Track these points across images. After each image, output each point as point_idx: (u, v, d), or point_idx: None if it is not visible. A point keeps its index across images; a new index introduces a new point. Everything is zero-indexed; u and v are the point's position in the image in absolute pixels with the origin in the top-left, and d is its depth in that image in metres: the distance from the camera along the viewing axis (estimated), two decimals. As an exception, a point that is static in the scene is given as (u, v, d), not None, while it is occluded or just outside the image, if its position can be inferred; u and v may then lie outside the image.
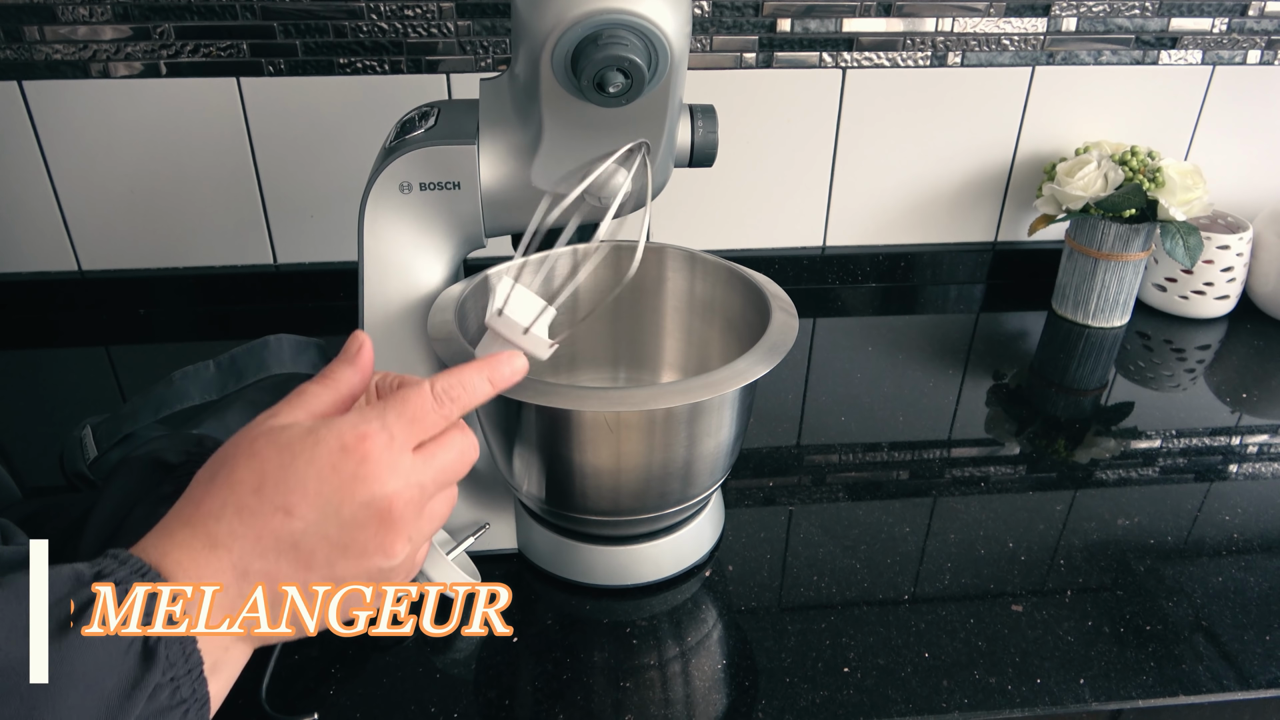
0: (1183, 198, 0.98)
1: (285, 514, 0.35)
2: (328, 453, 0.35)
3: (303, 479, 0.35)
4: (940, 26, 1.02)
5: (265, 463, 0.35)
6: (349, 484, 0.35)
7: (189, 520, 0.35)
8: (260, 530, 0.35)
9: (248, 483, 0.35)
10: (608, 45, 0.55)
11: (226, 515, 0.35)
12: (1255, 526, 0.77)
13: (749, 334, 0.67)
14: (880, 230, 1.14)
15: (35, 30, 0.92)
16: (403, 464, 0.37)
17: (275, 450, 0.36)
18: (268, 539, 0.35)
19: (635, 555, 0.69)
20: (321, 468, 0.35)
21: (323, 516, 0.35)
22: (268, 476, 0.35)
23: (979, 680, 0.62)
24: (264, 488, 0.35)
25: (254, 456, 0.36)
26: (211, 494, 0.35)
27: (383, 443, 0.36)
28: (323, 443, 0.36)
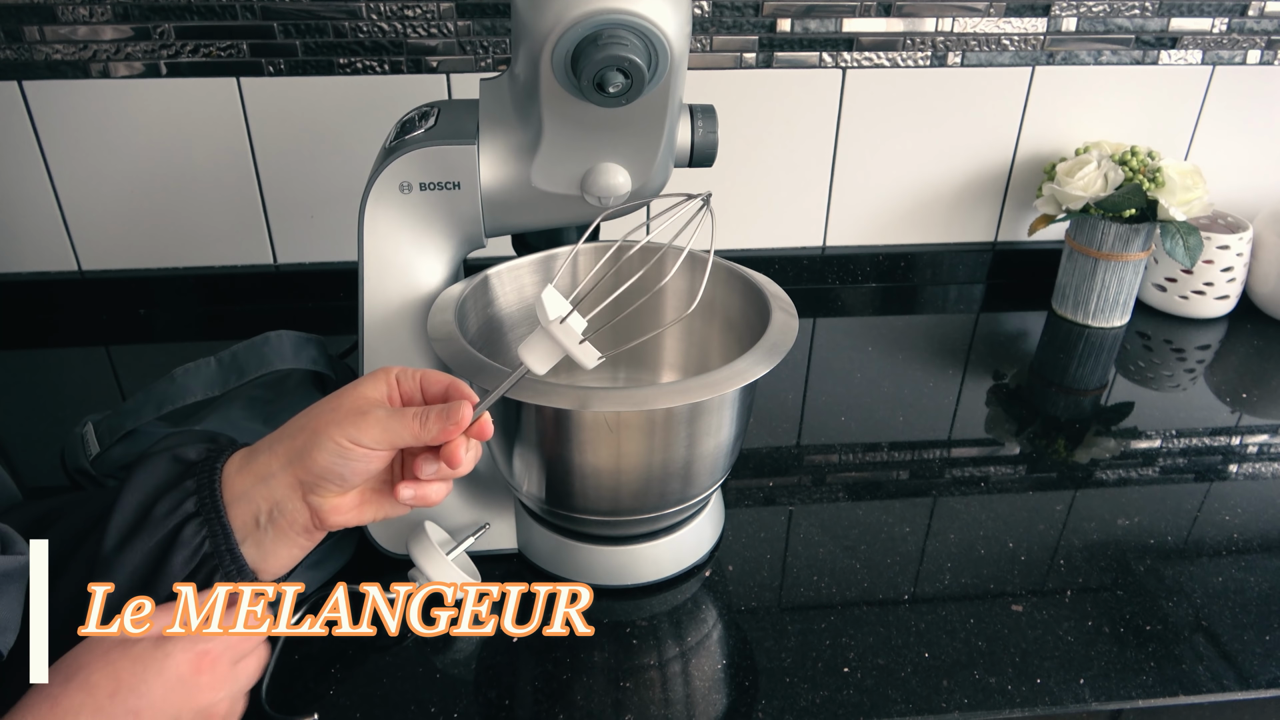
0: (1183, 198, 0.98)
1: (135, 717, 0.41)
2: (175, 668, 0.42)
3: (151, 689, 0.41)
4: (940, 26, 1.02)
5: (120, 672, 0.41)
6: (189, 695, 0.43)
7: (47, 718, 0.39)
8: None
9: (104, 688, 0.40)
10: (608, 45, 0.55)
11: (83, 716, 0.40)
12: (1255, 526, 0.77)
13: (749, 334, 0.67)
14: (880, 230, 1.14)
15: (35, 30, 0.92)
16: (227, 679, 0.45)
17: (129, 661, 0.41)
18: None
19: (635, 555, 0.69)
20: (168, 680, 0.42)
21: (170, 702, 0.42)
22: (121, 684, 0.41)
23: (979, 680, 0.62)
24: (118, 693, 0.41)
25: (109, 665, 0.41)
26: (69, 694, 0.40)
27: (215, 664, 0.44)
28: (171, 659, 0.42)
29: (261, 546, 0.48)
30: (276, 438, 0.49)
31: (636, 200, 0.69)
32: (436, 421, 0.48)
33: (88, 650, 0.42)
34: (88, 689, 0.40)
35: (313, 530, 0.49)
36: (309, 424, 0.48)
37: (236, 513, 0.48)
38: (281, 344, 0.77)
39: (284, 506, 0.48)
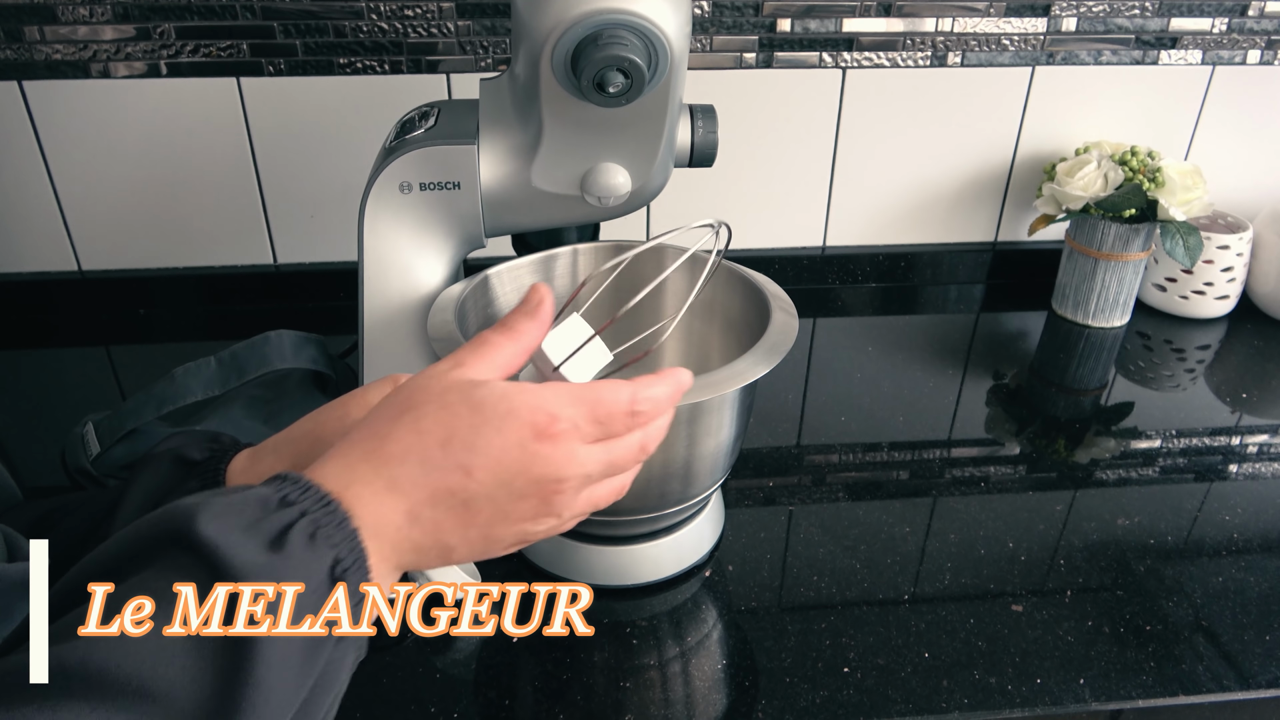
0: (1183, 198, 0.98)
1: (465, 474, 0.36)
2: (517, 428, 0.37)
3: (488, 446, 0.36)
4: (940, 26, 1.02)
5: (456, 419, 0.36)
6: (529, 462, 0.37)
7: (371, 457, 0.36)
8: (438, 484, 0.36)
9: (435, 434, 0.36)
10: (608, 45, 0.55)
11: (410, 462, 0.36)
12: (1255, 526, 0.77)
13: (749, 334, 0.67)
14: (880, 230, 1.14)
15: (35, 30, 0.92)
16: (579, 455, 0.38)
17: (467, 409, 0.36)
18: (443, 493, 0.36)
19: (635, 555, 0.69)
20: (508, 441, 0.36)
21: (497, 484, 0.37)
22: (456, 434, 0.36)
23: (979, 680, 0.62)
24: (450, 444, 0.36)
25: (444, 409, 0.37)
26: (396, 437, 0.36)
27: (568, 433, 0.38)
28: (515, 416, 0.37)
29: None
30: (282, 440, 0.48)
31: (636, 200, 0.69)
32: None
33: (422, 389, 0.37)
34: (417, 433, 0.36)
35: None
36: (314, 430, 0.47)
37: None
38: (281, 343, 0.77)
39: None
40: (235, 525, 0.32)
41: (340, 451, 0.36)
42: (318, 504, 0.34)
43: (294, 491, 0.34)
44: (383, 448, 0.36)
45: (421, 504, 0.36)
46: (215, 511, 0.32)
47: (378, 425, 0.37)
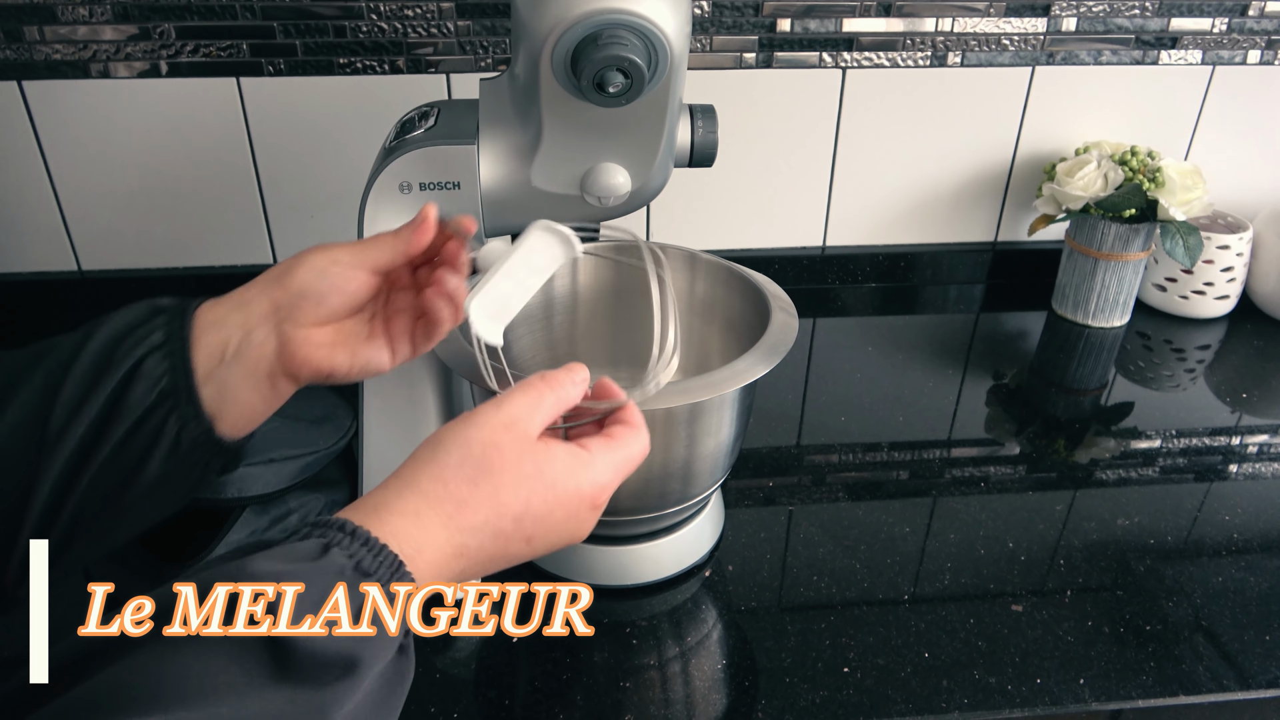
0: (1183, 198, 0.98)
1: (527, 542, 0.39)
2: (578, 503, 0.41)
3: (553, 520, 0.40)
4: (940, 26, 1.02)
5: (532, 495, 0.39)
6: (577, 527, 0.41)
7: (449, 524, 0.37)
8: (501, 551, 0.39)
9: (511, 509, 0.39)
10: (607, 45, 0.55)
11: (484, 533, 0.38)
12: (1255, 526, 0.77)
13: (749, 334, 0.67)
14: (880, 230, 1.14)
15: (35, 30, 0.92)
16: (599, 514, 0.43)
17: (544, 486, 0.39)
18: (497, 558, 0.39)
19: (635, 555, 0.69)
20: (569, 513, 0.40)
21: (548, 547, 0.41)
22: (530, 511, 0.39)
23: (979, 680, 0.62)
24: (523, 520, 0.39)
25: (522, 483, 0.39)
26: (474, 505, 0.38)
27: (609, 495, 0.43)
28: (580, 494, 0.41)
29: (224, 388, 0.45)
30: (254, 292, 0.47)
31: (636, 200, 0.69)
32: (407, 227, 0.47)
33: (499, 451, 0.39)
34: (496, 505, 0.38)
35: (278, 376, 0.46)
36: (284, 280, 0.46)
37: (204, 343, 0.45)
38: None
39: (254, 335, 0.45)
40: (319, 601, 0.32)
41: (415, 509, 0.37)
42: (392, 573, 0.35)
43: (368, 560, 0.34)
44: (460, 514, 0.38)
45: (475, 563, 0.39)
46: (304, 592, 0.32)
47: (456, 488, 0.38)
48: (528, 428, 0.40)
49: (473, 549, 0.38)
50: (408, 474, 0.38)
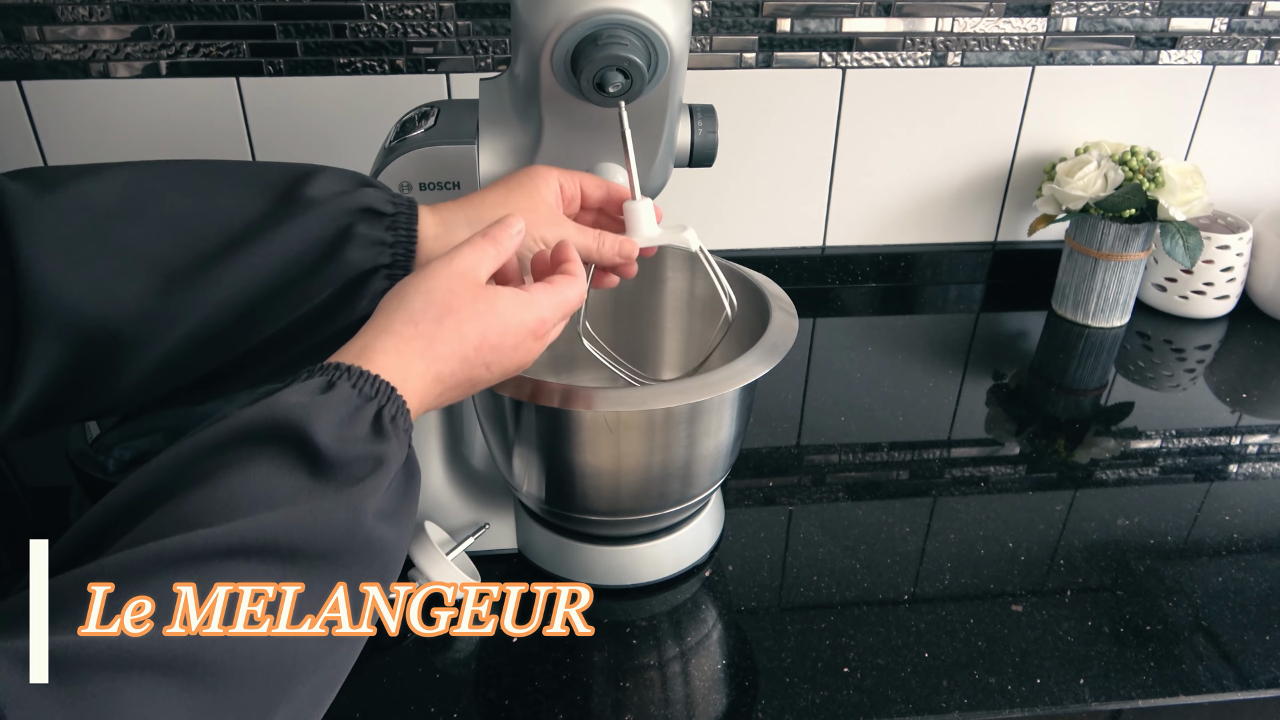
0: (1183, 198, 0.98)
1: (486, 368, 0.46)
2: (524, 333, 0.47)
3: (503, 349, 0.47)
4: (940, 26, 1.02)
5: (488, 328, 0.46)
6: (524, 356, 0.48)
7: (424, 355, 0.44)
8: (466, 376, 0.46)
9: (472, 339, 0.45)
10: (607, 45, 0.55)
11: (453, 361, 0.45)
12: (1255, 526, 0.77)
13: (749, 334, 0.67)
14: (880, 230, 1.14)
15: (35, 30, 0.92)
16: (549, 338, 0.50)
17: (496, 319, 0.46)
18: (467, 383, 0.46)
19: (635, 555, 0.69)
20: (517, 343, 0.47)
21: (501, 374, 0.48)
22: (486, 340, 0.46)
23: (979, 680, 0.62)
24: (482, 350, 0.46)
25: (478, 318, 0.45)
26: (443, 339, 0.44)
27: (549, 329, 0.49)
28: (524, 325, 0.47)
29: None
30: (475, 217, 0.53)
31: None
32: (610, 249, 0.55)
33: (454, 292, 0.45)
34: (460, 337, 0.45)
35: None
36: (506, 207, 0.53)
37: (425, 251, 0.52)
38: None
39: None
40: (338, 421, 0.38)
41: (395, 346, 0.43)
42: (389, 397, 0.41)
43: (368, 387, 0.41)
44: (432, 347, 0.44)
45: (450, 388, 0.46)
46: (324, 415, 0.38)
47: (425, 327, 0.44)
48: (477, 275, 0.47)
49: (446, 375, 0.45)
50: (382, 322, 0.44)
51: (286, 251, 0.48)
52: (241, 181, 0.49)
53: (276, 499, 0.35)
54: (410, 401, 0.43)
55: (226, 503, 0.34)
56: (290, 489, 0.36)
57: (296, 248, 0.48)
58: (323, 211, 0.49)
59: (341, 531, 0.36)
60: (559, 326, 0.50)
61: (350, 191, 0.50)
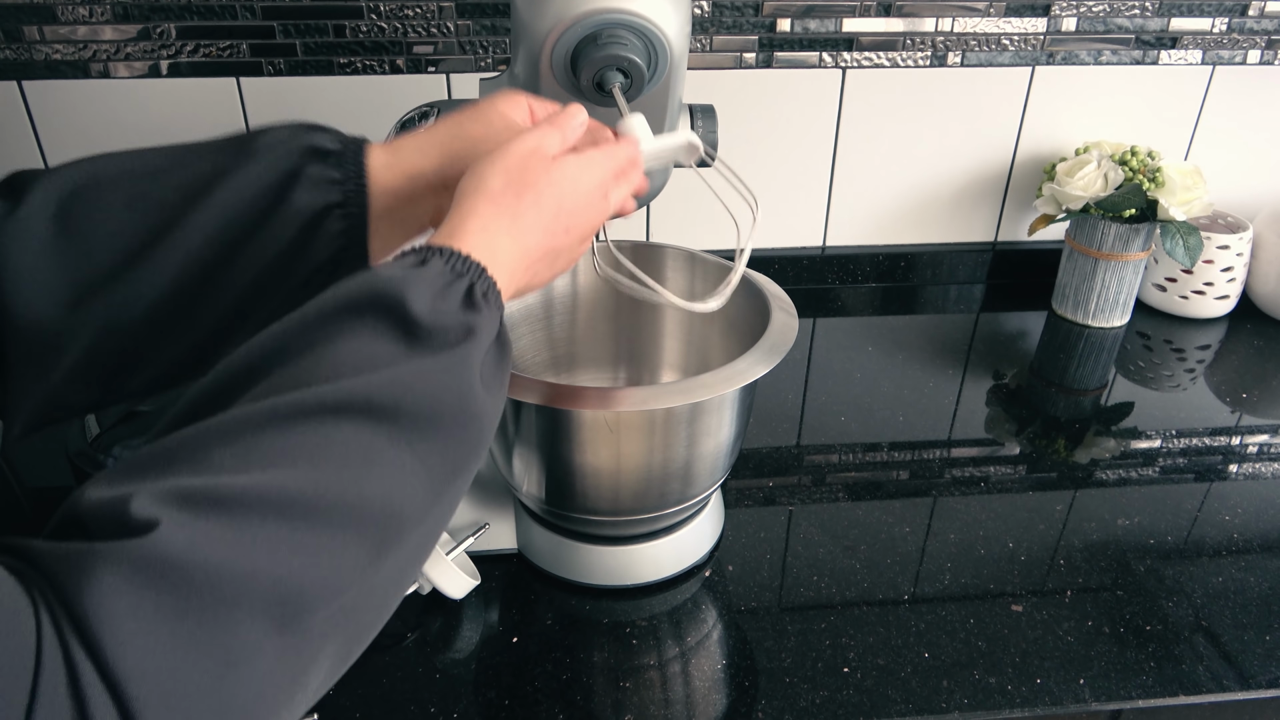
0: (1183, 198, 0.98)
1: (565, 234, 0.48)
2: (595, 193, 0.49)
3: (577, 212, 0.49)
4: (940, 26, 1.02)
5: (562, 195, 0.48)
6: (596, 215, 0.50)
7: (511, 230, 0.46)
8: (549, 245, 0.48)
9: (550, 210, 0.47)
10: (607, 45, 0.55)
11: (536, 233, 0.47)
12: (1255, 526, 0.77)
13: (749, 334, 0.67)
14: (880, 230, 1.14)
15: (35, 30, 0.92)
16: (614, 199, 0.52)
17: (569, 185, 0.48)
18: (550, 253, 0.48)
19: (635, 555, 0.69)
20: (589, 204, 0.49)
21: (579, 238, 0.50)
22: (563, 208, 0.48)
23: (979, 680, 0.62)
24: (559, 216, 0.48)
25: (553, 185, 0.47)
26: (524, 212, 0.46)
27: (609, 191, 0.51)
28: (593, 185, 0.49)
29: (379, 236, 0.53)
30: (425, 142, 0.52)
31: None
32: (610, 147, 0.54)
33: (528, 168, 0.47)
34: (539, 208, 0.47)
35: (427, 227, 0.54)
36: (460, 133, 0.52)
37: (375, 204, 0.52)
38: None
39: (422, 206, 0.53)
40: (432, 293, 0.40)
41: (480, 227, 0.45)
42: (480, 274, 0.43)
43: (459, 264, 0.43)
44: (516, 222, 0.46)
45: (537, 259, 0.48)
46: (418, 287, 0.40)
47: (507, 204, 0.46)
48: (545, 151, 0.48)
49: (533, 247, 0.47)
50: (466, 206, 0.46)
51: (238, 201, 0.48)
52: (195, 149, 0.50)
53: (378, 363, 0.38)
54: (500, 278, 0.44)
55: (333, 367, 0.37)
56: (390, 355, 0.38)
57: (246, 195, 0.48)
58: (269, 158, 0.48)
59: (440, 392, 0.39)
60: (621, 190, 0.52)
61: (296, 136, 0.50)
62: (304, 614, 0.33)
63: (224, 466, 0.33)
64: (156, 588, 0.30)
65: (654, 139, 0.55)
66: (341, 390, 0.36)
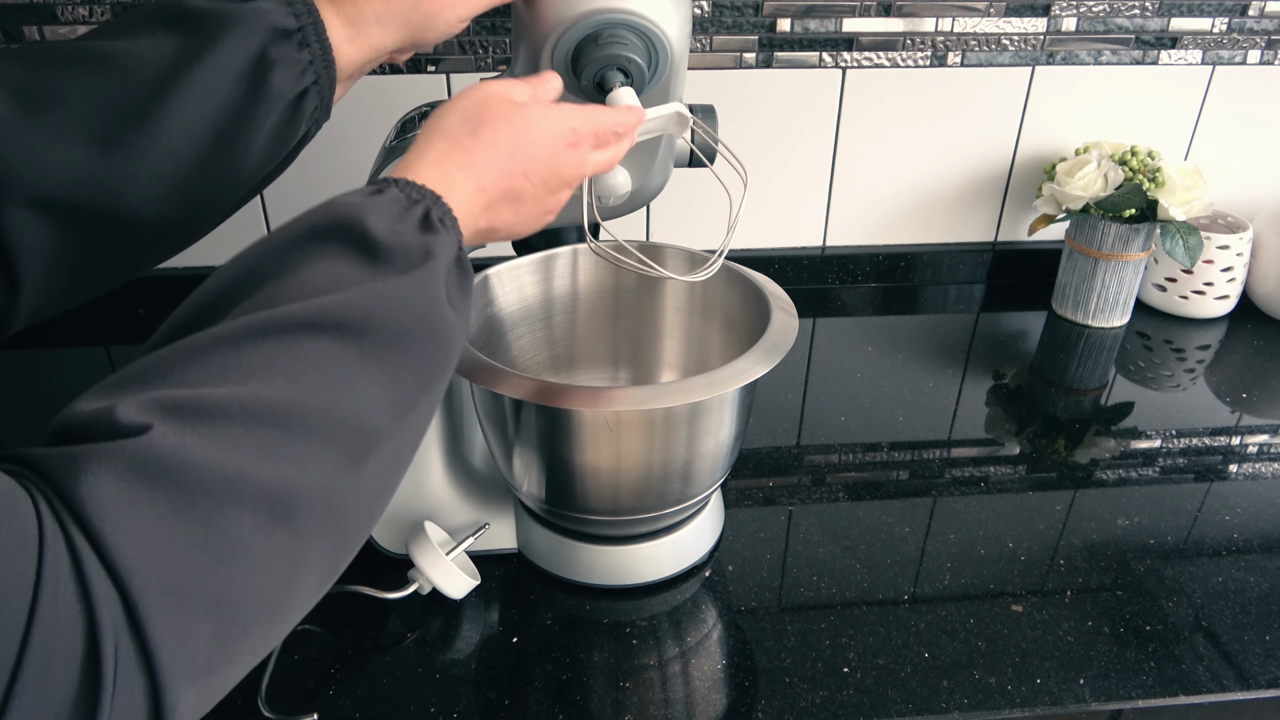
0: (1183, 198, 0.98)
1: (525, 176, 0.49)
2: (555, 140, 0.49)
3: (537, 156, 0.49)
4: (940, 26, 1.02)
5: (520, 135, 0.48)
6: (560, 166, 0.50)
7: (464, 166, 0.47)
8: (508, 184, 0.48)
9: (505, 147, 0.48)
10: (608, 45, 0.55)
11: (491, 169, 0.47)
12: (1255, 526, 0.77)
13: (749, 334, 0.67)
14: (880, 230, 1.14)
15: (35, 30, 0.92)
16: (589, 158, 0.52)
17: (527, 127, 0.48)
18: (509, 191, 0.48)
19: (635, 555, 0.69)
20: (552, 150, 0.49)
21: (541, 183, 0.49)
22: (520, 148, 0.48)
23: (979, 680, 0.62)
24: (516, 155, 0.48)
25: (511, 125, 0.48)
26: (479, 149, 0.47)
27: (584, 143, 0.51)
28: (554, 132, 0.49)
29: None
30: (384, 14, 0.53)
31: (636, 200, 0.69)
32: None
33: (487, 107, 0.48)
34: (494, 145, 0.47)
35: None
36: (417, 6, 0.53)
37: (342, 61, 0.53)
38: None
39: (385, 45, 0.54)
40: (389, 218, 0.42)
41: (435, 160, 0.47)
42: (435, 201, 0.44)
43: (414, 192, 0.44)
44: (470, 158, 0.47)
45: (495, 199, 0.48)
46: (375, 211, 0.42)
47: (461, 139, 0.47)
48: (509, 96, 0.49)
49: (489, 185, 0.47)
50: (421, 144, 0.47)
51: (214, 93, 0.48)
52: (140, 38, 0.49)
53: (344, 283, 0.39)
54: (457, 210, 0.45)
55: (302, 288, 0.39)
56: (355, 275, 0.40)
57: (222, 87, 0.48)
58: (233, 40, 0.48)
59: (406, 310, 0.40)
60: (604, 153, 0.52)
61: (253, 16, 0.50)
62: (291, 515, 0.34)
63: (203, 380, 0.34)
64: (150, 484, 0.31)
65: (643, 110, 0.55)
66: (311, 308, 0.38)
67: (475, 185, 0.47)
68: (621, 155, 0.55)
